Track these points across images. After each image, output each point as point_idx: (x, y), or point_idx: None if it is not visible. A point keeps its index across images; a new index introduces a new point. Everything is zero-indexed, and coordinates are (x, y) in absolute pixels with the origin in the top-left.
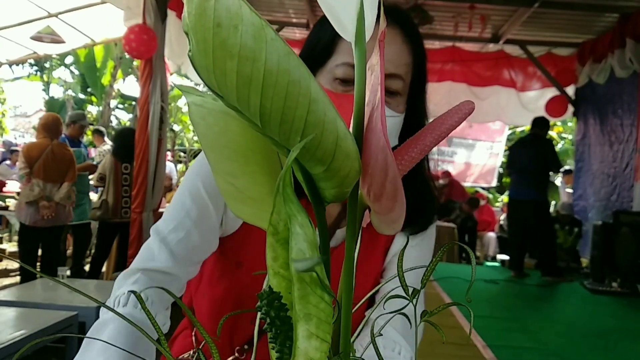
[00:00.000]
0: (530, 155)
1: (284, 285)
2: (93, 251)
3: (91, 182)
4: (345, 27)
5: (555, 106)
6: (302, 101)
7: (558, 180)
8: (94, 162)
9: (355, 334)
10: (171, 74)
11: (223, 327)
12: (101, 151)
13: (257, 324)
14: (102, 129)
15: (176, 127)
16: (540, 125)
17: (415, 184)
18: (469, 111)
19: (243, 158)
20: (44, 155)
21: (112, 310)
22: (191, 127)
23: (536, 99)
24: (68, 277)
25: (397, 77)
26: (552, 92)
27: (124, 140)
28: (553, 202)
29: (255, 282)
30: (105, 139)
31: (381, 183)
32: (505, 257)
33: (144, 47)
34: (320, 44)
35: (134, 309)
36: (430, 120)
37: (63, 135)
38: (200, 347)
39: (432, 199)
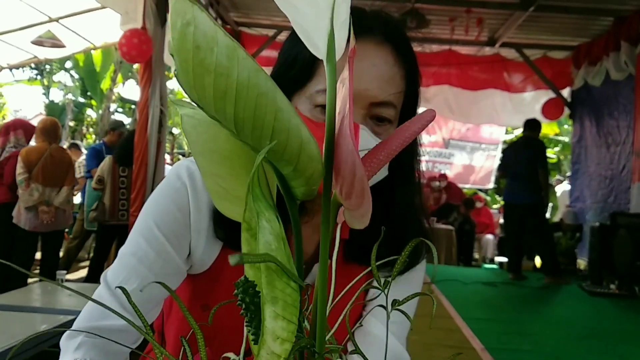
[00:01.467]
0: (522, 159)
1: (258, 275)
2: (91, 254)
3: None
4: (317, 46)
5: (552, 109)
6: (269, 110)
7: (564, 184)
8: (75, 176)
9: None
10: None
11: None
12: (80, 164)
13: (245, 337)
14: (79, 142)
15: (175, 131)
16: (531, 127)
17: (396, 218)
18: (430, 119)
19: (229, 162)
20: (42, 159)
21: None
22: None
23: (532, 101)
24: (66, 280)
25: (388, 104)
26: (547, 94)
27: (127, 145)
28: (551, 205)
29: (222, 327)
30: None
31: (351, 182)
32: (503, 259)
33: (135, 51)
34: (298, 64)
35: None
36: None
37: (101, 142)
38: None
39: (418, 236)
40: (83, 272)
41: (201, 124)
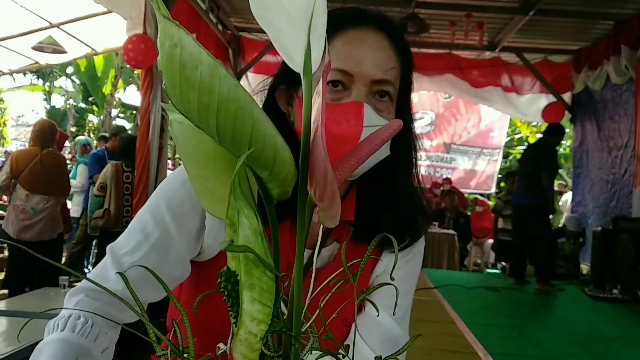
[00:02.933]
0: (529, 161)
1: (239, 266)
2: (93, 260)
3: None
4: (295, 61)
5: (552, 112)
6: (247, 122)
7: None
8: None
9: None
10: None
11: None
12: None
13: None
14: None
15: None
16: (549, 132)
17: (398, 197)
18: (397, 128)
19: (214, 165)
20: (31, 165)
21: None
22: None
23: (532, 105)
24: (69, 286)
25: (386, 82)
26: (548, 98)
27: (126, 146)
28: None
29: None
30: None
31: (323, 185)
32: (503, 263)
33: (142, 57)
34: None
35: (71, 333)
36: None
37: (103, 148)
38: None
39: (418, 212)
40: None
41: (189, 129)
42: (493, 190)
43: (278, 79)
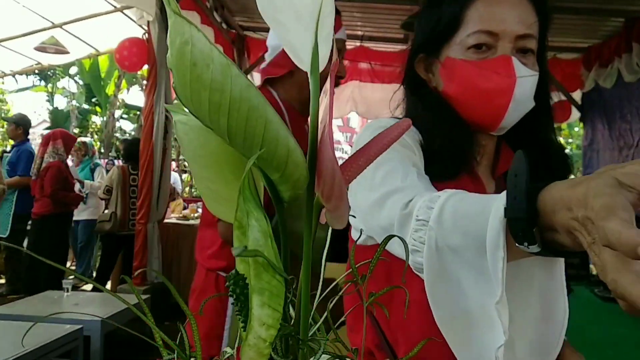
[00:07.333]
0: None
1: (248, 269)
2: (97, 263)
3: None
4: (302, 59)
5: (558, 111)
6: (259, 122)
7: None
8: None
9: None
10: None
11: None
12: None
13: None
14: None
15: None
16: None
17: (544, 147)
18: (407, 127)
19: (219, 166)
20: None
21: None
22: None
23: None
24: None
25: (529, 36)
26: (557, 96)
27: (131, 148)
28: None
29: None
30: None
31: (330, 186)
32: None
33: (135, 58)
34: (443, 21)
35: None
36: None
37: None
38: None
39: (565, 157)
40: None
41: (193, 130)
42: None
43: (417, 48)
